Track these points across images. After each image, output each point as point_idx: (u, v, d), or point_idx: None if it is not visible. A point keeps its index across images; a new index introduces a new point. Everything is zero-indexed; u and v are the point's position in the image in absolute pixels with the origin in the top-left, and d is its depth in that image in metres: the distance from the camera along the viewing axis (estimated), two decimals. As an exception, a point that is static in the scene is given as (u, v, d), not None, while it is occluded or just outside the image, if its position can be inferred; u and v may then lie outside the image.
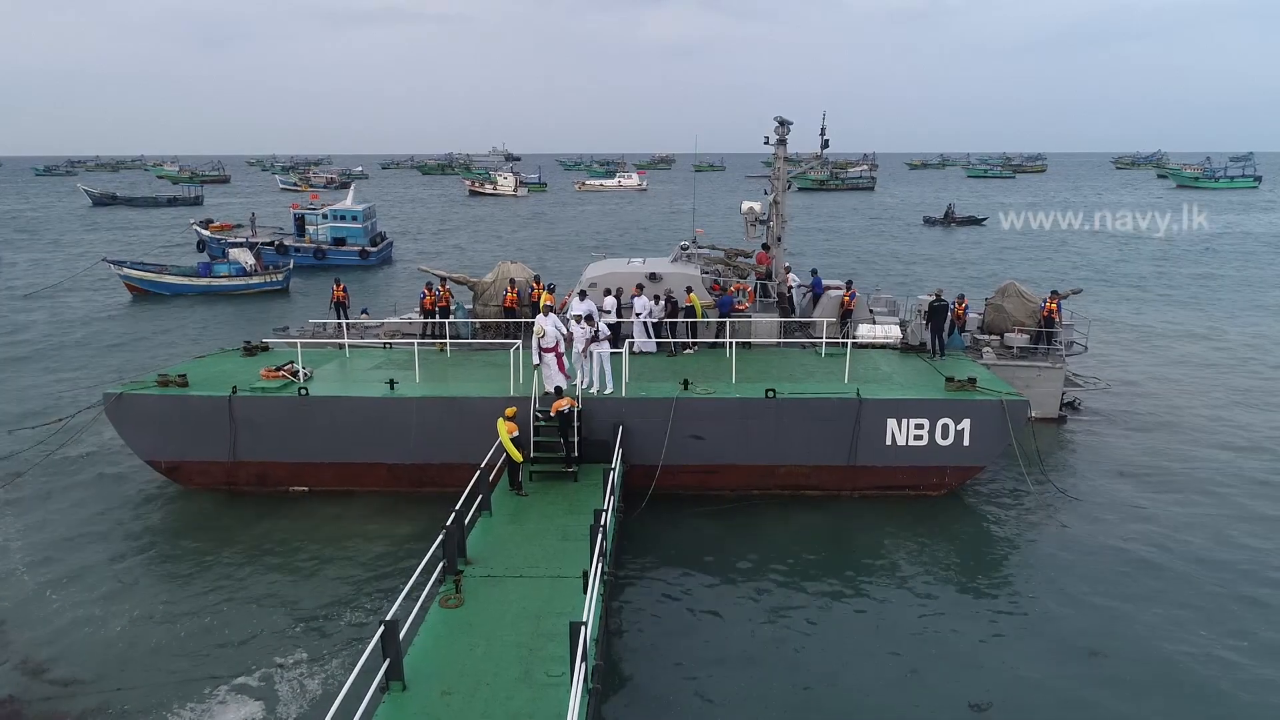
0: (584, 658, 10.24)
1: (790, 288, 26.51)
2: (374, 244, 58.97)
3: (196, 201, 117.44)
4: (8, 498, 20.02)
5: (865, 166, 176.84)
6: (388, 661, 10.66)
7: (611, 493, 16.03)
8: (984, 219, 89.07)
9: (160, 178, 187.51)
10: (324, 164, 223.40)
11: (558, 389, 18.71)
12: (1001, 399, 19.08)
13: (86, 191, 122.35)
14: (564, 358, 18.94)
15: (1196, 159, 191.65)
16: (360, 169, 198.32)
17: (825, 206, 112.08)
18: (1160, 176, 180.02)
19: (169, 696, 12.88)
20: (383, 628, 10.58)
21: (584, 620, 10.72)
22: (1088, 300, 39.43)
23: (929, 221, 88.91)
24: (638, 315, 23.13)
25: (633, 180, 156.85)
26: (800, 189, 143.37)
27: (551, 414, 17.89)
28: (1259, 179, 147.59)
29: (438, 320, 24.96)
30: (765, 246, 27.21)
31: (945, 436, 19.12)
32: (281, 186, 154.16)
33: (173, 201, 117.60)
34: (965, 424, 19.01)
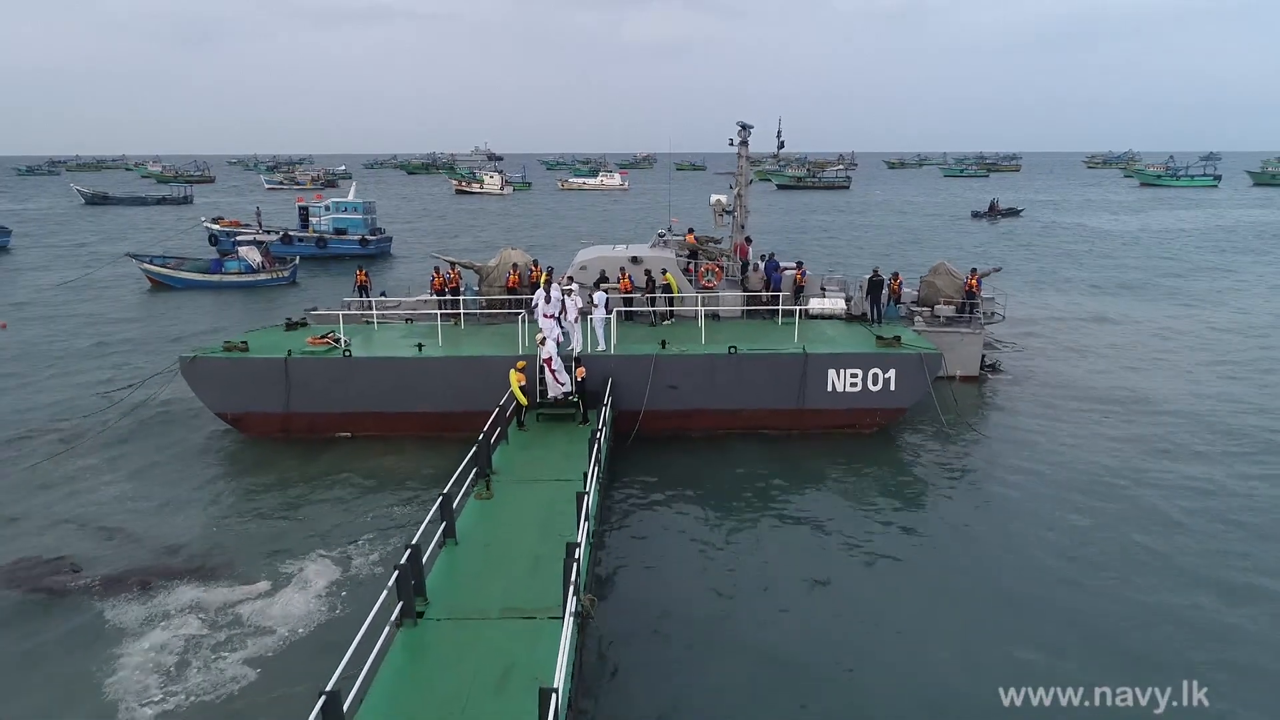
0: (587, 517, 14.41)
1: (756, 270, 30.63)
2: (373, 233, 62.97)
3: (186, 201, 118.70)
4: (104, 445, 23.78)
5: (841, 166, 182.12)
6: (445, 523, 14.78)
7: (604, 424, 20.18)
8: (1022, 210, 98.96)
9: (145, 178, 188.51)
10: (306, 163, 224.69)
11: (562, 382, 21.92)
12: (920, 353, 23.44)
13: (79, 191, 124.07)
14: (555, 361, 21.73)
15: (1165, 159, 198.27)
16: (343, 168, 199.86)
17: (840, 206, 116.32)
18: (1126, 176, 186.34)
19: (244, 570, 16.98)
20: (441, 500, 14.68)
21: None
22: (1086, 290, 43.92)
23: (976, 215, 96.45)
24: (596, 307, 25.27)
25: (615, 179, 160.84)
26: (779, 186, 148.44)
27: (579, 379, 21.73)
28: (1218, 178, 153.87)
29: (450, 299, 28.91)
30: (748, 239, 31.39)
31: (875, 384, 23.42)
32: (267, 186, 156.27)
33: (162, 201, 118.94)
34: (891, 373, 23.34)
